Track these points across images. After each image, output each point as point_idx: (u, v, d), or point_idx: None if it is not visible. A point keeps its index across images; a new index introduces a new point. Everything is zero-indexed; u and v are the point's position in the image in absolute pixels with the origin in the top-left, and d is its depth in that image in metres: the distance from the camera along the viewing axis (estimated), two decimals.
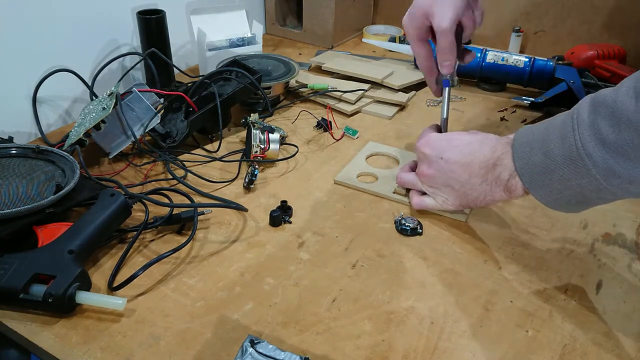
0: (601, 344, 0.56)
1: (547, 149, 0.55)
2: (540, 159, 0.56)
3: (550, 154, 0.55)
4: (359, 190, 0.78)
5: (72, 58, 0.93)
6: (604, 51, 1.11)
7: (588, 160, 0.51)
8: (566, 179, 0.54)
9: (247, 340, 0.48)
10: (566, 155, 0.53)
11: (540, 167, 0.56)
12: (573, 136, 0.52)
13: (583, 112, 0.52)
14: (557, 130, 0.55)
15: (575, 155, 0.52)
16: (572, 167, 0.53)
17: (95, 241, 0.64)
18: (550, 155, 0.55)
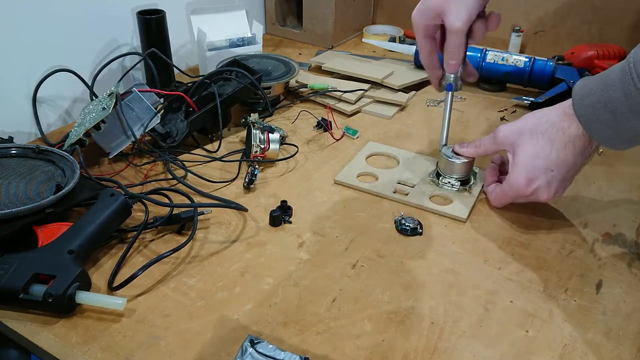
0: (601, 344, 0.56)
1: (612, 108, 0.59)
2: (607, 117, 0.60)
3: (617, 112, 0.59)
4: (359, 190, 0.78)
5: (72, 58, 0.93)
6: (604, 51, 1.11)
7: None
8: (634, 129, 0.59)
9: (247, 340, 0.48)
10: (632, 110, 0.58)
11: (608, 125, 0.61)
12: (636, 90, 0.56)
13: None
14: (618, 88, 0.58)
15: None
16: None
17: (95, 241, 0.64)
18: (617, 113, 0.59)
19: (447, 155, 0.77)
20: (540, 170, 0.67)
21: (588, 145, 0.66)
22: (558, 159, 0.66)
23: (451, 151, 0.77)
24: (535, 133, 0.67)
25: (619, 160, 0.88)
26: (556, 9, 1.21)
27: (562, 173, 0.67)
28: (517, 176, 0.68)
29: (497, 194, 0.74)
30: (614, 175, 0.84)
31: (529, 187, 0.68)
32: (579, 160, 0.67)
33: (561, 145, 0.66)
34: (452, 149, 0.77)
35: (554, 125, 0.66)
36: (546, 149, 0.66)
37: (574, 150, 0.66)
